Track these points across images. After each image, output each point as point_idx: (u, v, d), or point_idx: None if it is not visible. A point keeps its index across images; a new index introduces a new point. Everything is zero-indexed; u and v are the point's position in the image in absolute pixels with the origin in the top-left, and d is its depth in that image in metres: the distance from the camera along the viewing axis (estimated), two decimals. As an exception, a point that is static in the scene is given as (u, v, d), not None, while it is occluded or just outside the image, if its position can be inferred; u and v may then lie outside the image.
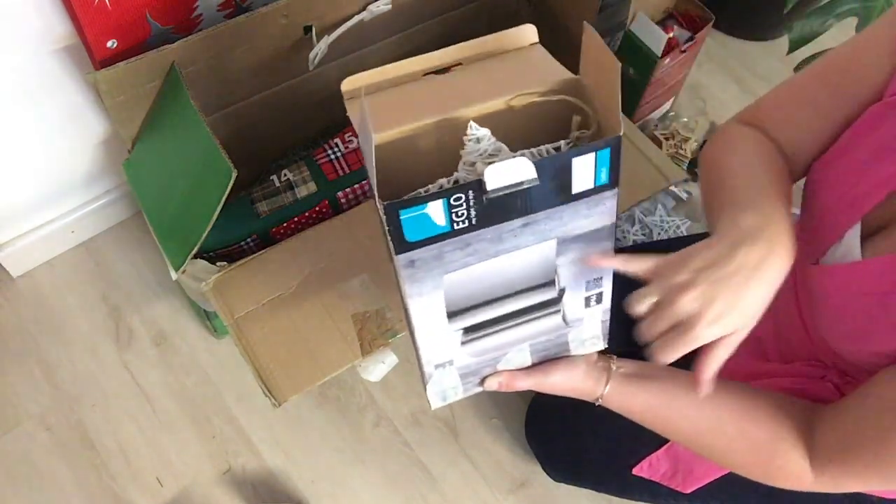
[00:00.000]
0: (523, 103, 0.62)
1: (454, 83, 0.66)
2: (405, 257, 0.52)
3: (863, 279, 0.58)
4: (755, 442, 0.62)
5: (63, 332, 1.21)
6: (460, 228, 0.52)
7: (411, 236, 0.51)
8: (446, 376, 0.63)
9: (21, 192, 1.11)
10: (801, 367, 0.73)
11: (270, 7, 0.88)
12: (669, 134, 1.48)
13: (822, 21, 1.09)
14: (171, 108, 0.87)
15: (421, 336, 0.59)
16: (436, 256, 0.53)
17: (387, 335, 0.85)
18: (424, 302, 0.56)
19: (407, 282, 0.54)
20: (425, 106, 0.63)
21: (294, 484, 1.13)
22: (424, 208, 0.49)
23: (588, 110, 0.60)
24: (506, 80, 0.65)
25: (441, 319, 0.58)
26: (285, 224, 0.99)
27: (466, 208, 0.50)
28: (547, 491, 1.14)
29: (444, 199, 0.49)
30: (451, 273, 0.55)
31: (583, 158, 0.51)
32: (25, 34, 0.87)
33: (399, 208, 0.49)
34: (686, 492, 0.83)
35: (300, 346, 0.84)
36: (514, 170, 0.50)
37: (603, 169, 0.53)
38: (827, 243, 0.61)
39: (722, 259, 0.52)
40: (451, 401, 0.65)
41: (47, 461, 1.11)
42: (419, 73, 0.66)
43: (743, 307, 0.52)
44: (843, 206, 0.60)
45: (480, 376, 0.64)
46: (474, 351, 0.62)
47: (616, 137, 0.52)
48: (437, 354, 0.61)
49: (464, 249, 0.53)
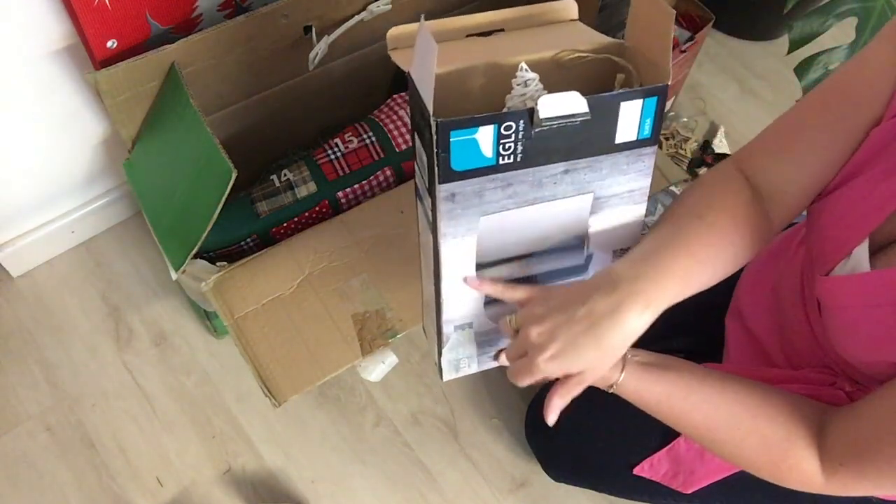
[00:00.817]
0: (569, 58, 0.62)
1: (498, 42, 0.66)
2: (448, 188, 0.52)
3: (875, 290, 0.58)
4: (768, 440, 0.61)
5: (63, 332, 1.21)
6: (505, 164, 0.52)
7: (458, 164, 0.51)
8: (464, 342, 0.62)
9: (21, 192, 1.11)
10: (810, 374, 0.73)
11: (270, 7, 0.88)
12: (669, 134, 1.48)
13: (822, 21, 1.09)
14: (171, 108, 0.87)
15: (447, 287, 0.58)
16: (477, 193, 0.53)
17: (387, 335, 0.85)
18: (457, 245, 0.56)
19: (444, 218, 0.54)
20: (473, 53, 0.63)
21: (294, 484, 1.13)
22: (476, 132, 0.49)
23: (632, 70, 0.61)
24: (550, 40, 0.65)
25: (470, 269, 0.58)
26: (285, 224, 0.99)
27: (514, 141, 0.51)
28: (547, 491, 1.14)
29: (495, 124, 0.50)
30: (487, 216, 0.55)
31: (630, 104, 0.53)
32: (25, 34, 0.87)
33: (452, 128, 0.49)
34: (686, 492, 0.83)
35: (300, 346, 0.84)
36: (568, 102, 0.50)
37: (647, 120, 0.54)
38: (835, 259, 0.61)
39: (575, 302, 0.54)
40: (463, 373, 0.65)
41: (47, 461, 1.11)
42: (461, 34, 0.66)
43: (580, 351, 0.54)
44: (852, 222, 0.60)
45: (497, 348, 0.64)
46: (495, 314, 0.61)
47: (664, 85, 0.53)
48: (459, 313, 0.60)
49: (504, 190, 0.54)
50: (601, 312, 0.54)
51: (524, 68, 0.57)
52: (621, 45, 0.62)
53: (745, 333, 0.84)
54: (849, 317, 0.61)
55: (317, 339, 0.85)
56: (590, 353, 0.54)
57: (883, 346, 0.58)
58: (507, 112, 0.50)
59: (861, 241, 0.59)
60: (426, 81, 0.49)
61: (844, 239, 0.61)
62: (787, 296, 0.76)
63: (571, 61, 0.62)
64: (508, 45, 0.65)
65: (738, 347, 0.85)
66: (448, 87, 0.60)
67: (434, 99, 0.49)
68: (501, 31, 0.67)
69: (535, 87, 0.57)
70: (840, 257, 0.61)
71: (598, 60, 0.62)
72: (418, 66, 0.52)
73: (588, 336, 0.54)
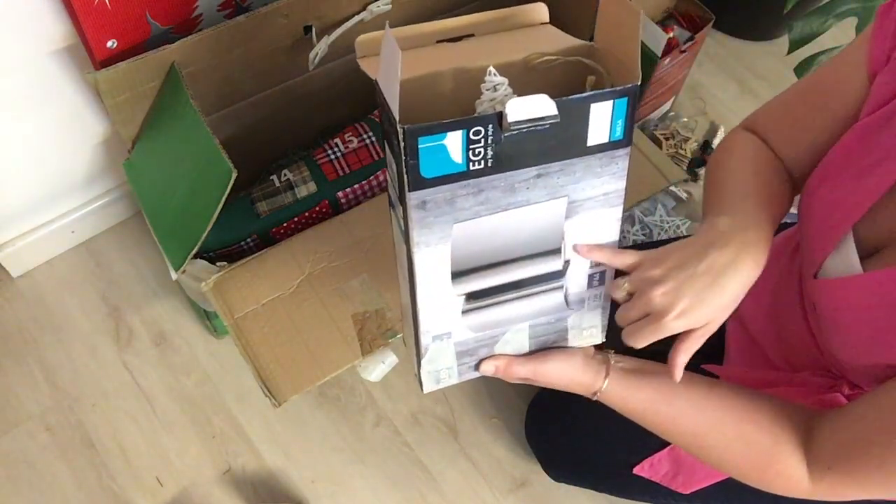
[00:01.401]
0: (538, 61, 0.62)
1: (468, 47, 0.66)
2: (418, 196, 0.51)
3: (868, 291, 0.58)
4: (754, 445, 0.61)
5: (63, 332, 1.21)
6: (475, 170, 0.52)
7: (427, 171, 0.50)
8: (442, 353, 0.62)
9: (21, 192, 1.11)
10: (809, 378, 0.73)
11: (270, 7, 0.88)
12: (669, 134, 1.48)
13: (822, 21, 1.09)
14: (171, 108, 0.87)
15: (422, 298, 0.58)
16: (448, 200, 0.53)
17: (387, 335, 0.85)
18: (430, 254, 0.55)
19: (416, 227, 0.53)
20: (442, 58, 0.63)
21: (294, 484, 1.13)
22: (444, 138, 0.49)
23: (602, 71, 0.61)
24: (520, 44, 0.65)
25: (445, 279, 0.57)
26: (285, 224, 0.99)
27: (484, 146, 0.51)
28: (547, 491, 1.14)
29: (463, 129, 0.49)
30: (460, 224, 0.54)
31: (601, 106, 0.52)
32: (25, 34, 0.87)
33: (419, 135, 0.48)
34: (686, 493, 0.83)
35: (300, 346, 0.84)
36: (536, 105, 0.50)
37: (619, 121, 0.54)
38: (822, 254, 0.62)
39: (693, 259, 0.56)
40: (444, 385, 0.64)
41: (47, 461, 1.11)
42: (432, 39, 0.66)
43: (707, 305, 0.55)
44: (836, 217, 0.60)
45: (477, 358, 0.63)
46: (474, 324, 0.61)
47: (634, 85, 0.53)
48: (437, 323, 0.60)
49: (476, 196, 0.53)
50: (722, 265, 0.55)
51: (492, 73, 0.57)
52: (592, 47, 0.63)
53: (744, 335, 0.84)
54: (841, 318, 0.61)
55: (317, 339, 0.85)
56: (714, 305, 0.55)
57: (875, 347, 0.58)
58: (475, 117, 0.49)
59: (845, 232, 0.60)
60: (392, 88, 0.49)
61: (829, 235, 0.61)
62: (785, 298, 0.76)
63: (541, 64, 0.63)
64: (478, 50, 0.65)
65: (738, 349, 0.85)
66: (417, 94, 0.60)
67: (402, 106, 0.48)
68: (472, 37, 0.67)
69: (504, 92, 0.57)
70: (827, 251, 0.61)
71: (568, 63, 0.62)
72: (384, 73, 0.51)
73: (713, 289, 0.55)
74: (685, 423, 0.63)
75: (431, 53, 0.65)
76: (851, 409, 0.59)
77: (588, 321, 0.64)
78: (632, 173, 0.58)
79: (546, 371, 0.63)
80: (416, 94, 0.60)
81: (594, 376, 0.63)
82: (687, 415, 0.63)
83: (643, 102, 1.37)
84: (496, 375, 0.64)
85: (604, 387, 0.63)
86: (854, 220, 0.59)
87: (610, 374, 0.63)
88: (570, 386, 0.64)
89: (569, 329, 0.64)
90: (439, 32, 0.66)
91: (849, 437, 0.57)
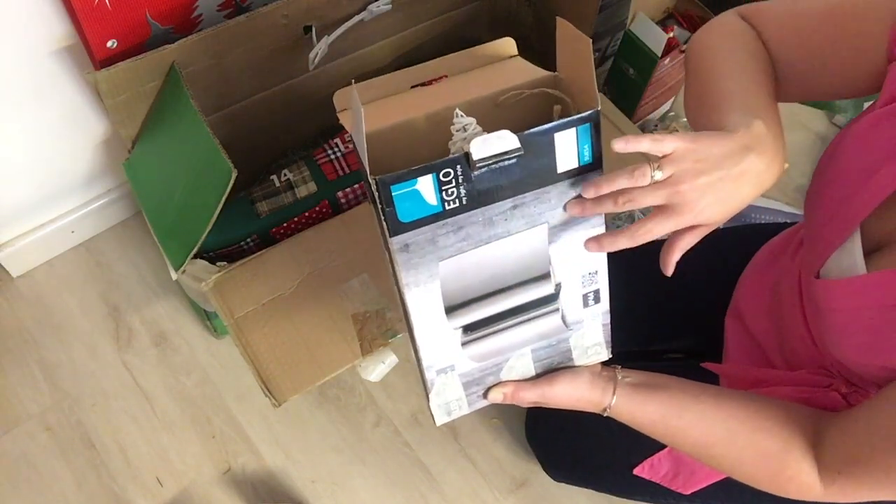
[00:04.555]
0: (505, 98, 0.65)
1: (440, 90, 0.69)
2: (400, 240, 0.53)
3: (867, 292, 0.58)
4: (765, 452, 0.61)
5: (63, 332, 1.21)
6: (451, 209, 0.53)
7: (404, 216, 0.52)
8: (449, 385, 0.63)
9: (21, 192, 1.11)
10: (806, 376, 0.73)
11: (270, 7, 0.88)
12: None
13: (822, 21, 1.09)
14: (171, 108, 0.87)
15: (420, 335, 0.59)
16: (430, 240, 0.54)
17: (387, 335, 0.85)
18: (421, 293, 0.57)
19: (403, 269, 0.55)
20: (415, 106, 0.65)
21: (294, 484, 1.13)
22: (415, 184, 0.51)
23: (567, 100, 0.63)
24: (489, 82, 0.67)
25: (439, 315, 0.58)
26: (285, 224, 0.99)
27: (456, 185, 0.52)
28: (547, 491, 1.14)
29: (433, 173, 0.51)
30: (446, 260, 0.56)
31: (564, 134, 0.53)
32: (25, 34, 0.87)
33: (391, 183, 0.50)
34: (686, 493, 0.83)
35: (300, 346, 0.84)
36: (499, 140, 0.52)
37: (585, 147, 0.55)
38: (827, 252, 0.61)
39: (731, 158, 0.54)
40: (456, 416, 0.65)
41: (47, 461, 1.11)
42: (406, 86, 0.69)
43: (726, 207, 0.54)
44: (842, 214, 0.60)
45: (484, 386, 0.64)
46: (476, 354, 0.62)
47: (594, 111, 0.54)
48: (438, 358, 0.61)
49: (457, 233, 0.55)
50: (756, 171, 0.54)
51: (459, 114, 0.59)
52: (557, 77, 0.64)
53: (744, 334, 0.84)
54: (841, 319, 0.61)
55: (317, 339, 0.85)
56: (731, 209, 0.55)
57: (873, 348, 0.58)
58: (443, 160, 0.51)
59: (852, 230, 0.59)
60: (360, 142, 0.52)
61: (836, 230, 0.61)
62: (785, 297, 0.76)
63: (508, 99, 0.65)
64: (449, 92, 0.67)
65: (738, 348, 0.85)
66: (393, 142, 0.62)
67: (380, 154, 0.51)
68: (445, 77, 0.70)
69: (473, 131, 0.58)
70: (832, 249, 0.61)
71: (534, 95, 0.65)
72: (353, 129, 0.54)
73: (738, 193, 0.54)
74: (695, 435, 0.63)
75: (405, 100, 0.68)
76: (857, 414, 0.59)
77: (590, 339, 0.65)
78: (632, 173, 0.58)
79: (554, 393, 0.63)
80: (392, 143, 0.62)
81: (602, 393, 0.63)
82: (697, 426, 0.63)
83: (643, 102, 1.37)
84: (505, 402, 0.64)
85: (612, 403, 0.63)
86: (862, 217, 0.58)
87: (618, 390, 0.63)
88: (579, 405, 0.64)
89: (572, 349, 0.64)
90: (412, 78, 0.69)
91: (856, 443, 0.57)
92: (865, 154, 0.59)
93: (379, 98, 0.69)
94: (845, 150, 0.62)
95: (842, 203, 0.60)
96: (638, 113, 1.41)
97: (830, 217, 0.62)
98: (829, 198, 0.62)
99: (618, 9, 1.22)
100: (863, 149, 0.60)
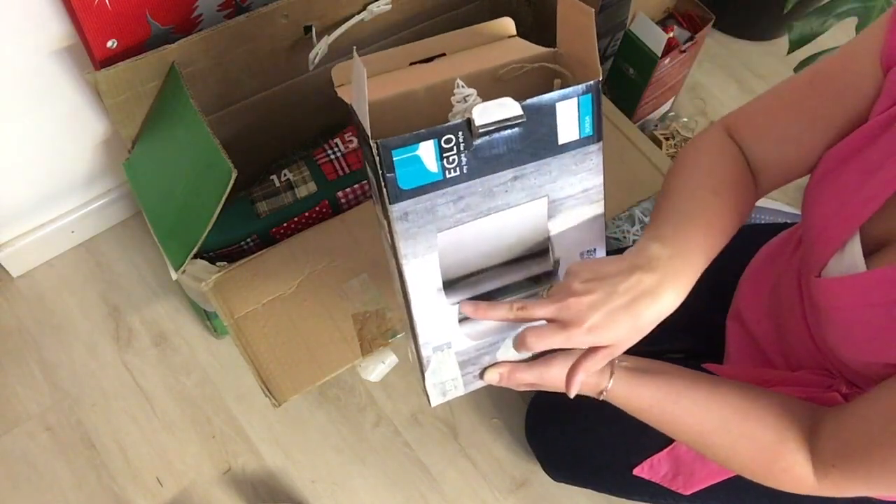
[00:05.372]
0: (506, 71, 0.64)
1: (439, 66, 0.68)
2: (399, 208, 0.53)
3: (869, 290, 0.58)
4: (760, 443, 0.61)
5: (63, 332, 1.21)
6: (452, 177, 0.53)
7: (405, 183, 0.52)
8: (445, 364, 0.62)
9: (21, 192, 1.11)
10: (807, 376, 0.73)
11: (270, 7, 0.88)
12: (669, 134, 1.48)
13: (822, 21, 1.09)
14: (171, 108, 0.87)
15: (417, 310, 0.58)
16: (429, 209, 0.54)
17: (387, 335, 0.85)
18: (419, 265, 0.56)
19: (401, 239, 0.54)
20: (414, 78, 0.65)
21: (294, 484, 1.13)
22: (416, 149, 0.51)
23: (567, 73, 0.63)
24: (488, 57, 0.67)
25: (437, 289, 0.58)
26: (285, 224, 0.99)
27: (457, 153, 0.52)
28: (547, 491, 1.14)
29: (434, 139, 0.51)
30: (445, 232, 0.55)
31: (566, 104, 0.54)
32: (25, 34, 0.87)
33: (392, 148, 0.50)
34: (686, 493, 0.83)
35: (300, 346, 0.84)
36: (501, 107, 0.52)
37: (587, 118, 0.55)
38: (828, 254, 0.61)
39: (617, 277, 0.55)
40: (451, 397, 0.64)
41: (47, 461, 1.11)
42: (405, 62, 0.68)
43: (618, 326, 0.55)
44: (843, 215, 0.60)
45: (480, 366, 0.63)
46: (472, 332, 0.61)
47: (595, 81, 0.54)
48: (435, 334, 0.60)
49: (456, 203, 0.54)
50: (643, 290, 0.55)
51: (460, 84, 0.58)
52: (557, 53, 0.64)
53: (744, 334, 0.84)
54: (842, 317, 0.61)
55: (317, 339, 0.85)
56: (626, 328, 0.55)
57: (876, 346, 0.58)
58: (445, 125, 0.51)
59: (852, 232, 0.59)
60: (362, 106, 0.51)
61: (836, 232, 0.61)
62: (785, 297, 0.76)
63: (508, 73, 0.65)
64: (448, 67, 0.67)
65: (738, 348, 0.85)
66: (392, 113, 0.62)
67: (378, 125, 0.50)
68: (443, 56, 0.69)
69: (473, 101, 0.58)
70: (833, 250, 0.61)
71: (534, 70, 0.64)
72: (354, 94, 0.53)
73: (627, 311, 0.54)
74: (690, 422, 0.63)
75: (404, 74, 0.67)
76: (853, 408, 0.59)
77: None
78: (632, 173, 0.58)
79: (551, 375, 0.63)
80: (391, 113, 0.62)
81: (599, 376, 0.63)
82: (692, 413, 0.63)
83: (643, 102, 1.37)
84: (501, 384, 0.64)
85: (609, 385, 0.63)
86: (863, 218, 0.58)
87: (615, 374, 0.63)
88: None
89: None
90: (412, 56, 0.68)
91: (851, 436, 0.57)
92: (864, 156, 0.59)
93: (378, 73, 0.68)
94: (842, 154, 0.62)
95: (842, 204, 0.60)
96: (638, 113, 1.41)
97: (830, 217, 0.62)
98: (828, 198, 0.62)
99: (618, 9, 1.22)
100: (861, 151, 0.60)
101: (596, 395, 0.64)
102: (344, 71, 0.66)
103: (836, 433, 0.59)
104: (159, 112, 0.89)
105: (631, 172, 0.97)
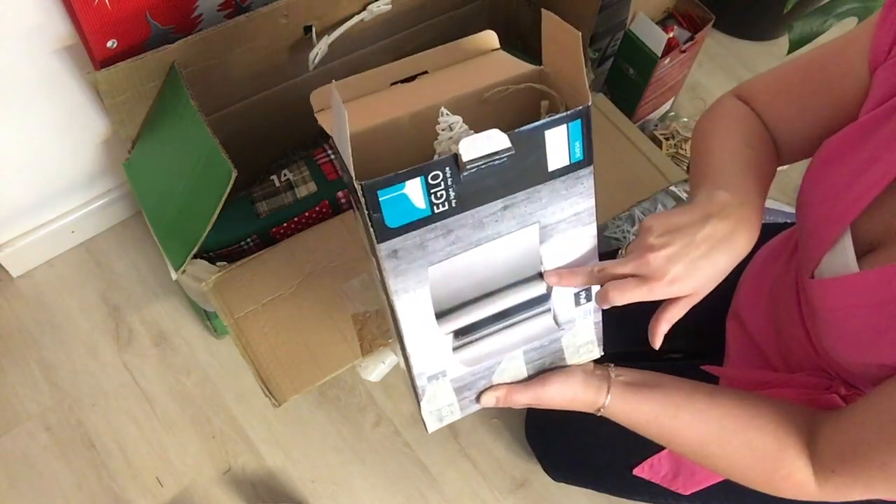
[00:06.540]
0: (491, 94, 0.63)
1: (422, 87, 0.66)
2: (387, 246, 0.51)
3: (863, 290, 0.58)
4: (760, 451, 0.61)
5: (63, 332, 1.21)
6: (441, 212, 0.51)
7: (392, 222, 0.50)
8: (440, 391, 0.61)
9: (21, 192, 1.11)
10: (806, 378, 0.73)
11: (270, 7, 0.88)
12: (669, 134, 1.48)
13: (822, 21, 1.09)
14: (171, 108, 0.87)
15: (410, 342, 0.57)
16: (418, 245, 0.52)
17: (387, 335, 0.85)
18: (411, 300, 0.55)
19: (391, 276, 0.53)
20: (397, 105, 0.63)
21: (294, 484, 1.13)
22: (403, 188, 0.49)
23: (554, 94, 0.61)
24: (472, 78, 0.65)
25: (429, 321, 0.57)
26: (285, 224, 0.99)
27: (445, 188, 0.51)
28: (547, 491, 1.14)
29: (421, 176, 0.49)
30: (435, 265, 0.54)
31: (555, 131, 0.52)
32: (25, 34, 0.87)
33: (378, 188, 0.48)
34: (686, 493, 0.83)
35: (300, 346, 0.84)
36: (489, 140, 0.50)
37: (576, 143, 0.53)
38: (820, 253, 0.62)
39: (693, 227, 0.56)
40: (448, 422, 0.63)
41: (47, 461, 1.11)
42: (385, 84, 0.66)
43: (699, 274, 0.55)
44: (833, 215, 0.60)
45: (476, 391, 0.63)
46: (467, 358, 0.61)
47: (585, 107, 0.52)
48: (429, 364, 0.59)
49: (446, 237, 0.53)
50: (720, 237, 0.55)
51: (444, 113, 0.57)
52: (543, 71, 0.63)
53: (743, 335, 0.84)
54: (837, 318, 0.61)
55: (317, 339, 0.85)
56: (705, 276, 0.55)
57: (870, 347, 0.58)
58: (432, 162, 0.49)
59: (843, 230, 0.59)
60: (345, 147, 0.49)
61: (828, 230, 0.61)
62: (783, 298, 0.76)
63: (494, 96, 0.63)
64: (431, 89, 0.65)
65: (738, 349, 0.85)
66: (377, 143, 0.60)
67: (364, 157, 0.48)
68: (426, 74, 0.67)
69: (459, 129, 0.56)
70: (825, 249, 0.61)
71: (520, 91, 0.63)
72: (336, 133, 0.51)
73: (707, 259, 0.55)
74: (690, 435, 0.63)
75: (386, 98, 0.65)
76: (851, 412, 0.59)
77: (582, 338, 0.64)
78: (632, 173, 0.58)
79: (547, 394, 0.63)
80: (377, 144, 0.60)
81: (596, 393, 0.63)
82: (691, 426, 0.63)
83: (643, 102, 1.38)
84: (498, 406, 0.64)
85: (606, 402, 0.63)
86: (852, 216, 0.59)
87: (612, 390, 0.63)
88: (572, 405, 0.64)
89: (564, 349, 0.64)
90: (392, 75, 0.66)
91: (850, 441, 0.57)
92: (854, 155, 0.60)
93: (358, 97, 0.66)
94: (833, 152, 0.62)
95: (832, 203, 0.61)
96: (638, 113, 1.41)
97: (822, 217, 0.62)
98: (819, 199, 0.63)
99: (618, 9, 1.22)
100: (851, 150, 0.60)
101: (594, 411, 0.64)
102: (322, 96, 0.64)
103: (834, 438, 0.59)
104: (159, 112, 0.89)
105: (631, 172, 0.97)
